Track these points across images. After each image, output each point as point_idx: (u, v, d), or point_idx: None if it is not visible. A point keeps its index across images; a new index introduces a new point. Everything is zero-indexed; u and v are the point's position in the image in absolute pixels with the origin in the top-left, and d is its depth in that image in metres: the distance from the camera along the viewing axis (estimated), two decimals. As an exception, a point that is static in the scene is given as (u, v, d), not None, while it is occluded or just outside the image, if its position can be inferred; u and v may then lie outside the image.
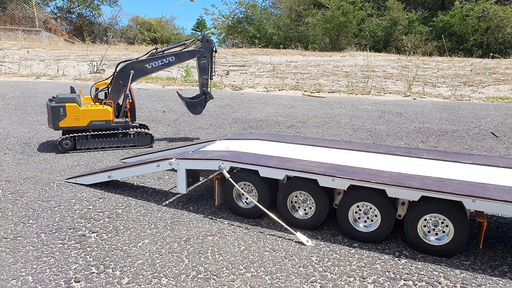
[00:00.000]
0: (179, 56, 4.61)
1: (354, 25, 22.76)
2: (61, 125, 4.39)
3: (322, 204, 2.68)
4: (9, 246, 2.47)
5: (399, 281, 2.17)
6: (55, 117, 4.34)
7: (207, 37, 4.66)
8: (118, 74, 4.56)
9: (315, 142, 3.55)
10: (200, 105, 4.88)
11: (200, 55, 4.64)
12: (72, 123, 4.39)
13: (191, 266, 2.29)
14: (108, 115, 4.46)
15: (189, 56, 4.63)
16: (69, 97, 4.38)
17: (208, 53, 4.65)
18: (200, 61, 4.67)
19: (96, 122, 4.45)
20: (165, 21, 34.85)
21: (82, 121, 4.41)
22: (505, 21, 19.68)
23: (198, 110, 4.92)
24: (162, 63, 4.57)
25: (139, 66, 4.57)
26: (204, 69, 4.70)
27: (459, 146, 5.19)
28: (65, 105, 4.33)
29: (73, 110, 4.34)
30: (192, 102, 4.87)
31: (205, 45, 4.64)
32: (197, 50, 4.62)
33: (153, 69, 4.61)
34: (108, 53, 15.40)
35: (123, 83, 4.55)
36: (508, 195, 2.25)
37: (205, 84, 4.76)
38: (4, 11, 23.86)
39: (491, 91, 9.94)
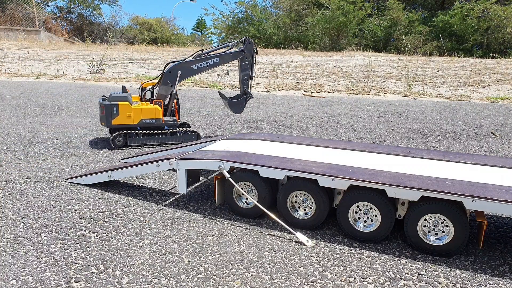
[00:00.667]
0: (223, 57, 4.73)
1: (354, 25, 22.77)
2: (114, 123, 4.58)
3: (322, 204, 2.68)
4: (9, 246, 2.47)
5: (399, 281, 2.17)
6: (108, 115, 4.55)
7: (249, 39, 4.79)
8: (166, 74, 4.68)
9: (315, 142, 3.55)
10: (241, 104, 4.98)
11: (242, 57, 4.77)
12: (124, 121, 4.59)
13: (191, 266, 2.29)
14: (158, 113, 4.63)
15: (232, 57, 4.76)
16: (122, 96, 4.59)
17: (249, 54, 4.79)
18: (242, 62, 4.80)
19: (146, 120, 4.63)
20: (165, 21, 34.85)
21: (134, 119, 4.60)
22: (505, 21, 19.68)
23: (239, 110, 5.01)
24: (207, 64, 4.69)
25: (186, 67, 4.69)
26: (245, 70, 4.83)
27: (459, 146, 5.19)
28: (118, 103, 4.53)
29: (125, 109, 4.53)
30: (233, 101, 4.97)
31: (248, 47, 4.77)
32: (240, 51, 4.76)
33: (199, 70, 4.73)
34: (108, 53, 15.41)
35: (170, 83, 4.67)
36: (508, 195, 2.25)
37: (246, 84, 4.89)
38: (4, 11, 23.86)
39: (491, 91, 9.94)
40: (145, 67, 13.79)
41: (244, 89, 4.91)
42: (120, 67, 13.64)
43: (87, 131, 5.62)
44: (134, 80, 11.39)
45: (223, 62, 4.79)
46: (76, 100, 8.13)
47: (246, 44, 4.77)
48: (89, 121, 6.22)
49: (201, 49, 4.87)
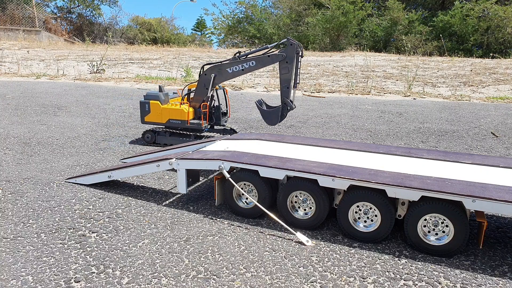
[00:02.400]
0: (260, 60, 4.34)
1: (354, 25, 22.77)
2: (146, 120, 4.73)
3: (322, 204, 2.68)
4: (9, 246, 2.47)
5: (399, 281, 2.17)
6: (142, 112, 4.71)
7: (292, 40, 4.21)
8: (202, 76, 4.57)
9: (315, 142, 3.55)
10: (276, 115, 4.39)
11: (282, 60, 4.22)
12: (154, 119, 4.69)
13: (191, 266, 2.29)
14: (184, 115, 4.58)
15: (271, 60, 4.30)
16: (154, 95, 4.68)
17: (291, 58, 4.20)
18: (282, 67, 4.24)
19: (173, 120, 4.65)
20: (165, 21, 34.83)
21: (163, 118, 4.68)
22: (505, 21, 19.67)
23: (273, 121, 4.44)
24: (242, 68, 4.41)
25: (221, 70, 4.49)
26: (285, 75, 4.26)
27: (459, 146, 5.19)
28: (150, 102, 4.65)
29: (155, 107, 4.65)
30: (267, 111, 4.47)
31: (289, 49, 4.21)
32: (280, 54, 4.23)
33: (234, 73, 4.46)
34: (108, 53, 15.41)
35: (206, 86, 4.55)
36: (508, 195, 2.25)
37: (285, 92, 4.29)
38: (4, 11, 23.86)
39: (491, 91, 9.94)
40: (145, 67, 13.79)
41: (283, 98, 4.33)
42: (120, 67, 13.64)
43: (87, 131, 5.62)
44: (134, 80, 11.39)
45: (261, 65, 4.38)
46: (76, 100, 8.13)
47: (288, 46, 4.22)
48: (89, 121, 6.22)
49: (238, 51, 4.55)
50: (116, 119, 6.47)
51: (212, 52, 19.76)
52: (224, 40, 30.56)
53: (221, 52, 19.59)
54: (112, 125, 6.04)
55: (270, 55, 4.27)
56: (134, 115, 6.78)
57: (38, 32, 22.82)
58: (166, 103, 4.71)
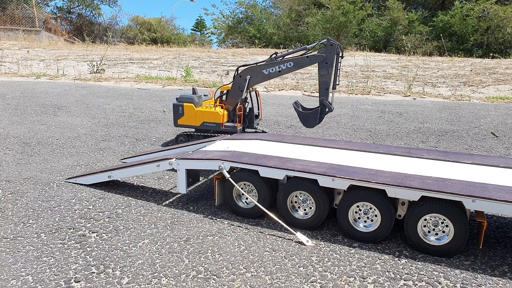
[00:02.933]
0: (298, 62, 4.19)
1: (354, 25, 22.77)
2: (179, 123, 4.62)
3: (322, 204, 2.68)
4: (9, 246, 2.47)
5: (399, 281, 2.17)
6: (175, 115, 4.59)
7: (332, 40, 4.07)
8: (237, 78, 4.46)
9: (315, 142, 3.55)
10: (314, 117, 4.25)
11: (322, 61, 4.08)
12: (188, 122, 4.58)
13: (191, 266, 2.29)
14: (219, 118, 4.45)
15: (309, 61, 4.16)
16: (188, 97, 4.57)
17: (331, 58, 4.07)
18: (322, 68, 4.09)
19: (207, 123, 4.52)
20: (165, 21, 34.83)
21: (196, 121, 4.56)
22: (505, 21, 19.67)
23: (311, 124, 4.31)
24: (279, 69, 4.25)
25: (257, 71, 4.36)
26: (325, 76, 4.12)
27: (459, 146, 5.19)
28: (184, 104, 4.54)
29: (189, 110, 4.53)
30: (304, 114, 4.32)
31: (329, 50, 4.06)
32: (319, 55, 4.09)
33: (270, 75, 4.32)
34: (108, 53, 15.41)
35: (240, 88, 4.44)
36: (508, 195, 2.25)
37: (325, 94, 4.16)
38: (4, 11, 23.87)
39: (491, 91, 9.94)
40: (145, 67, 13.79)
41: (321, 99, 4.18)
42: (120, 67, 13.64)
43: (87, 131, 5.62)
44: (134, 80, 11.38)
45: (298, 67, 4.23)
46: (76, 100, 8.13)
47: (328, 46, 4.08)
48: (89, 121, 6.23)
49: (275, 52, 4.39)
50: (116, 119, 6.47)
51: (212, 52, 19.76)
52: (224, 40, 30.56)
53: (221, 52, 19.59)
54: (112, 125, 6.04)
55: (309, 56, 4.15)
56: (134, 115, 6.78)
57: (38, 32, 22.83)
58: (200, 105, 4.60)
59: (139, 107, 7.50)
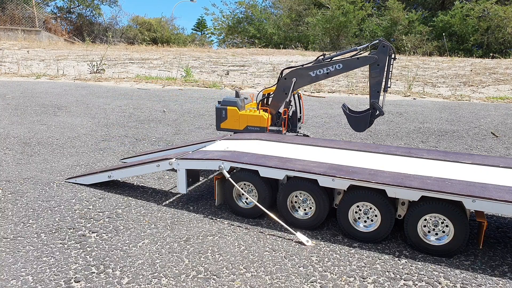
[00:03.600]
0: (347, 63, 4.04)
1: (354, 25, 22.78)
2: (222, 127, 4.43)
3: (322, 204, 2.68)
4: (9, 246, 2.47)
5: (399, 281, 2.17)
6: (218, 118, 4.41)
7: (384, 42, 3.94)
8: (281, 81, 4.30)
9: (315, 142, 3.55)
10: (364, 121, 4.14)
11: (373, 63, 3.96)
12: (231, 126, 4.41)
13: (191, 266, 2.29)
14: (263, 122, 4.29)
15: (360, 63, 4.03)
16: (231, 101, 4.41)
17: (383, 60, 3.95)
18: (373, 70, 3.97)
19: (251, 127, 4.36)
20: (165, 21, 34.85)
21: (240, 125, 4.40)
22: (505, 21, 19.68)
23: (361, 127, 4.19)
24: (327, 71, 4.10)
25: (303, 73, 4.21)
26: (376, 79, 4.00)
27: (459, 146, 5.19)
28: (227, 108, 4.38)
29: (233, 114, 4.37)
30: (355, 116, 4.23)
31: (381, 51, 3.93)
32: (371, 56, 3.96)
33: (317, 77, 4.17)
34: (108, 53, 15.41)
35: (285, 91, 4.28)
36: (508, 195, 2.25)
37: (375, 96, 4.05)
38: (4, 11, 23.87)
39: (491, 91, 9.94)
40: (145, 67, 13.79)
41: (372, 102, 4.07)
42: (120, 67, 13.64)
43: (87, 131, 5.62)
44: (134, 80, 11.38)
45: (348, 68, 4.08)
46: (76, 100, 8.13)
47: (380, 48, 3.95)
48: (89, 121, 6.23)
49: (323, 53, 4.25)
50: (116, 119, 6.47)
51: (212, 52, 19.77)
52: (224, 40, 30.57)
53: (221, 52, 19.59)
54: (112, 125, 6.04)
55: (360, 57, 4.01)
56: (134, 115, 6.78)
57: (38, 32, 22.83)
58: (243, 109, 4.45)
59: (139, 107, 7.50)
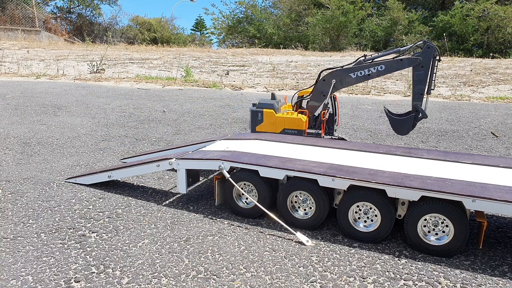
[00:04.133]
0: (390, 65, 3.93)
1: (354, 25, 22.78)
2: (257, 130, 4.33)
3: (322, 204, 2.68)
4: (9, 246, 2.47)
5: (399, 281, 2.17)
6: (254, 121, 4.31)
7: (429, 43, 3.83)
8: (320, 82, 4.18)
9: (315, 142, 3.55)
10: (407, 124, 4.07)
11: (417, 64, 3.85)
12: (267, 129, 4.31)
13: (191, 266, 2.29)
14: (301, 124, 4.18)
15: (403, 65, 3.91)
16: (268, 103, 4.31)
17: (428, 62, 3.84)
18: (417, 71, 3.87)
19: (288, 130, 4.24)
20: (165, 21, 34.86)
21: (276, 128, 4.29)
22: (505, 21, 19.68)
23: (404, 130, 4.10)
24: (368, 73, 4.01)
25: (342, 75, 4.11)
26: (420, 81, 3.91)
27: (459, 146, 5.19)
28: (263, 110, 4.28)
29: (269, 116, 4.26)
30: (398, 119, 4.13)
31: (426, 53, 3.81)
32: (415, 58, 3.85)
33: (358, 78, 4.07)
34: (108, 53, 15.41)
35: (323, 93, 4.15)
36: (508, 195, 2.25)
37: (419, 99, 3.98)
38: (4, 11, 23.86)
39: (491, 91, 9.94)
40: (145, 67, 13.79)
41: (415, 104, 3.99)
42: (120, 67, 13.64)
43: (87, 131, 5.62)
44: (134, 80, 11.39)
45: (390, 70, 3.97)
46: (76, 100, 8.13)
47: (425, 49, 3.83)
48: (89, 121, 6.23)
49: (364, 54, 4.17)
50: (116, 119, 6.47)
51: (212, 52, 19.77)
52: (224, 40, 30.58)
53: (221, 52, 19.59)
54: (112, 125, 6.04)
55: (403, 59, 3.89)
56: (134, 115, 6.79)
57: (38, 32, 22.83)
58: (279, 111, 4.35)
59: (139, 107, 7.50)
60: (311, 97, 4.25)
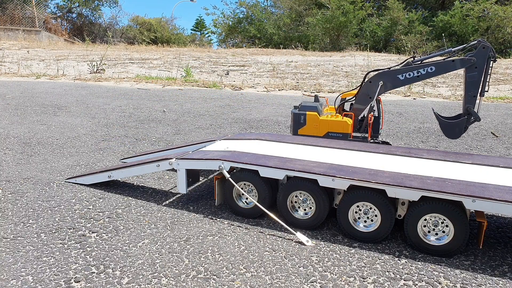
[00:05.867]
0: (441, 66, 3.75)
1: (354, 25, 22.79)
2: (300, 133, 4.21)
3: (322, 204, 2.68)
4: (9, 246, 2.47)
5: (399, 281, 2.17)
6: (296, 124, 4.20)
7: (484, 42, 3.62)
8: (366, 84, 4.04)
9: (315, 142, 3.55)
10: (459, 127, 3.90)
11: (471, 65, 3.65)
12: (310, 132, 4.18)
13: (191, 266, 2.29)
14: (347, 128, 4.04)
15: (455, 66, 3.72)
16: (311, 106, 4.20)
17: (482, 63, 3.63)
18: (470, 73, 3.67)
19: (333, 133, 4.10)
20: (165, 21, 34.87)
21: (320, 131, 4.16)
22: (505, 21, 19.69)
23: (455, 134, 3.92)
24: (418, 74, 3.83)
25: (390, 76, 3.94)
26: (473, 83, 3.70)
27: (459, 146, 5.19)
28: (306, 113, 4.15)
29: (312, 119, 4.13)
30: (448, 122, 3.95)
31: (480, 53, 3.60)
32: (468, 59, 3.65)
33: (406, 80, 3.90)
34: (108, 53, 15.41)
35: (369, 95, 4.01)
36: (508, 195, 2.25)
37: (471, 101, 3.78)
38: (4, 11, 23.87)
39: (491, 91, 9.94)
40: (145, 67, 13.79)
41: (467, 107, 3.80)
42: (120, 67, 13.65)
43: (87, 131, 5.63)
44: (134, 80, 11.39)
45: (442, 71, 3.80)
46: (76, 100, 8.14)
47: (479, 49, 3.62)
48: (89, 121, 6.23)
49: (413, 55, 4.01)
50: (116, 119, 6.47)
51: (212, 52, 19.77)
52: (224, 40, 30.58)
53: (221, 52, 19.59)
54: (112, 125, 6.04)
55: (456, 59, 3.70)
56: (134, 115, 6.79)
57: (38, 32, 22.83)
58: (323, 114, 4.22)
59: (139, 107, 7.51)
60: (356, 100, 4.11)
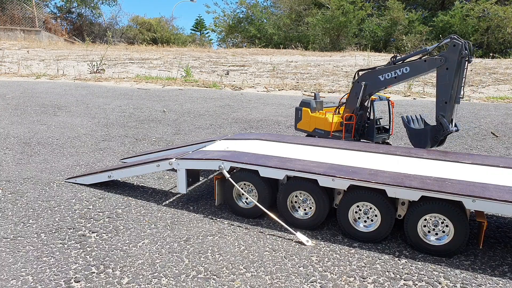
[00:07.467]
0: (415, 67, 3.49)
1: (354, 25, 22.78)
2: (298, 127, 4.49)
3: (322, 204, 2.68)
4: (9, 246, 2.47)
5: (399, 281, 2.17)
6: (296, 119, 4.46)
7: (456, 39, 3.25)
8: (355, 84, 3.95)
9: (315, 142, 3.55)
10: (425, 137, 3.58)
11: (440, 66, 3.30)
12: (304, 127, 4.43)
13: (191, 266, 2.29)
14: (327, 125, 4.12)
15: (427, 66, 3.42)
16: (307, 102, 4.42)
17: (453, 63, 3.25)
18: (440, 74, 3.32)
19: (318, 130, 4.27)
20: (165, 21, 34.84)
21: (310, 126, 4.37)
22: (505, 21, 19.68)
23: (422, 143, 3.62)
24: (395, 75, 3.62)
25: (373, 77, 3.78)
26: (444, 86, 3.33)
27: (459, 146, 5.19)
28: (302, 108, 4.40)
29: (306, 115, 4.39)
30: (415, 130, 3.70)
31: (451, 51, 3.24)
32: (438, 58, 3.32)
33: (386, 81, 3.70)
34: (108, 53, 15.41)
35: (357, 95, 3.92)
36: (508, 195, 2.25)
37: (441, 108, 3.38)
38: (4, 11, 23.87)
39: (491, 91, 9.94)
40: (145, 67, 13.79)
41: (439, 114, 3.42)
42: (120, 67, 13.64)
43: (87, 131, 5.62)
44: (134, 80, 11.38)
45: (416, 72, 3.53)
46: (76, 100, 8.13)
47: (450, 47, 3.26)
48: (89, 121, 6.23)
49: (394, 55, 3.79)
50: (116, 119, 6.47)
51: (212, 52, 19.77)
52: (224, 40, 30.57)
53: (221, 52, 19.59)
54: (112, 125, 6.04)
55: (427, 59, 3.42)
56: (134, 115, 6.78)
57: (38, 32, 22.82)
58: (317, 111, 4.31)
59: (139, 107, 7.50)
60: (348, 100, 4.08)
